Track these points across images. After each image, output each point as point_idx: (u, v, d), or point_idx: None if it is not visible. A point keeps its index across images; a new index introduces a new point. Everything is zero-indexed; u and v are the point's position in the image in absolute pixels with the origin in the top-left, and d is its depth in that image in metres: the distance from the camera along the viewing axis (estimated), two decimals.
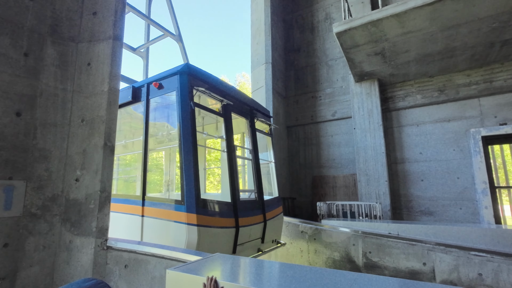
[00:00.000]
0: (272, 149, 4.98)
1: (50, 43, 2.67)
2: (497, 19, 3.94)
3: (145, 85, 3.53)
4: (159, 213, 3.06)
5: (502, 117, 5.07)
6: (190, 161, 2.93)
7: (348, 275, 1.65)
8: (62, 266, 2.50)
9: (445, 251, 3.76)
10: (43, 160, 2.53)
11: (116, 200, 3.58)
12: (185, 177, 2.87)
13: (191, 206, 2.80)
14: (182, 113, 3.04)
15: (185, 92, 3.11)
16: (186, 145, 2.97)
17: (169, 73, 3.28)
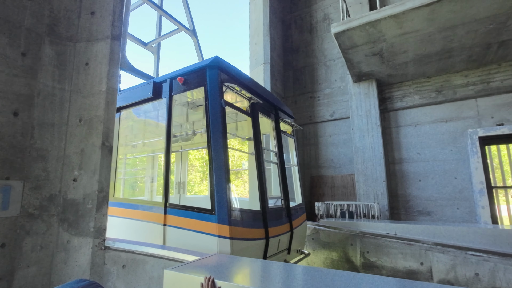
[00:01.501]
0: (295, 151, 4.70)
1: (48, 43, 2.66)
2: (494, 20, 3.96)
3: (167, 80, 3.24)
4: (185, 222, 2.75)
5: (499, 118, 5.10)
6: (221, 166, 2.61)
7: (346, 274, 1.65)
8: (59, 266, 2.50)
9: (442, 251, 3.78)
10: (40, 160, 2.52)
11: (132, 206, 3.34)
12: (216, 184, 2.57)
13: (223, 216, 2.49)
14: (211, 112, 2.75)
15: (215, 88, 2.81)
16: (216, 148, 2.65)
17: (196, 67, 2.97)
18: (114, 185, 3.67)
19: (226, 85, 2.92)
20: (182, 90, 3.11)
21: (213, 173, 2.60)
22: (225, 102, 2.81)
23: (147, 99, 3.41)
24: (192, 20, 6.47)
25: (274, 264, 1.93)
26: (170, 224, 2.86)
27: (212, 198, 2.57)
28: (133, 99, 3.58)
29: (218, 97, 2.78)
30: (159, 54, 6.30)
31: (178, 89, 3.15)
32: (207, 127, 2.74)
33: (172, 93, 3.19)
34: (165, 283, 1.67)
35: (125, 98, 3.71)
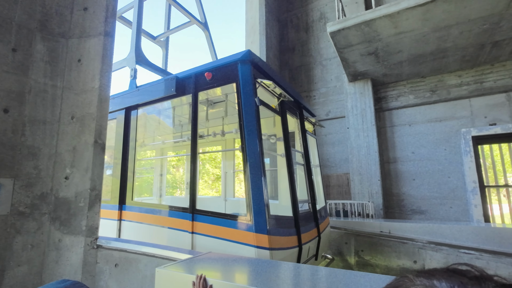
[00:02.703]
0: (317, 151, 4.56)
1: (40, 39, 2.62)
2: (487, 21, 4.00)
3: (192, 76, 3.00)
4: (216, 230, 2.51)
5: (492, 118, 5.16)
6: (257, 170, 2.37)
7: (339, 273, 1.66)
8: (51, 265, 2.47)
9: (435, 249, 3.81)
10: (31, 158, 2.49)
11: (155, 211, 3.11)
12: (252, 190, 2.33)
13: (262, 225, 2.26)
14: (245, 110, 2.52)
15: (248, 85, 2.58)
16: (252, 150, 2.42)
17: (226, 62, 2.75)
18: (133, 188, 3.45)
19: (259, 82, 2.68)
20: (209, 86, 2.86)
21: (249, 178, 2.36)
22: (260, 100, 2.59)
23: (169, 96, 3.18)
24: (203, 13, 6.06)
25: (266, 262, 1.93)
26: (199, 232, 2.62)
27: (249, 206, 2.33)
28: (152, 96, 3.37)
29: (252, 95, 2.54)
30: (167, 48, 6.04)
31: (205, 85, 2.90)
32: (240, 127, 2.52)
33: (197, 89, 2.96)
34: (156, 281, 1.65)
35: (143, 95, 3.50)
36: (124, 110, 3.65)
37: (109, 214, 3.53)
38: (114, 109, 3.77)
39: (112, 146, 4.81)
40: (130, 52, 4.06)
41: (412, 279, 0.39)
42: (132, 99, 3.59)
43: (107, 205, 3.59)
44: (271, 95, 3.03)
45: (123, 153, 3.57)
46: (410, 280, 0.39)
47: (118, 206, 3.44)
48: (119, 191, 3.47)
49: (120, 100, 3.76)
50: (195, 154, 2.87)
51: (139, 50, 4.08)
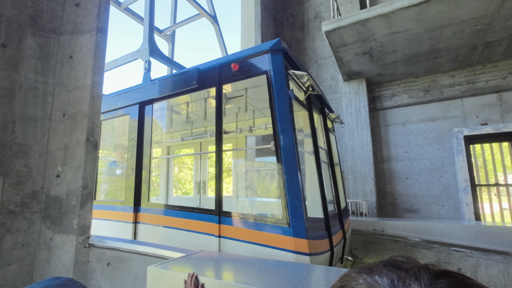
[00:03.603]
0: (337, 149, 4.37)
1: (30, 35, 2.58)
2: (479, 22, 4.05)
3: (216, 67, 2.81)
4: (246, 234, 2.32)
5: (483, 117, 5.23)
6: (294, 168, 2.19)
7: (331, 270, 1.67)
8: (42, 264, 2.44)
9: (427, 247, 3.86)
10: (22, 156, 2.45)
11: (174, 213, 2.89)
12: (289, 190, 2.15)
13: (300, 229, 2.08)
14: (278, 104, 2.32)
15: (280, 76, 2.38)
16: (287, 147, 2.24)
17: (255, 52, 2.55)
18: (149, 188, 3.23)
19: (292, 73, 2.49)
20: (236, 78, 2.65)
21: (285, 177, 2.18)
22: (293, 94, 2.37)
23: (190, 89, 2.96)
24: (212, 5, 5.74)
25: (259, 260, 1.93)
26: (226, 236, 2.42)
27: (285, 207, 2.15)
28: (170, 89, 3.16)
29: (285, 87, 2.34)
30: (174, 43, 5.83)
31: (230, 77, 2.69)
32: (273, 122, 2.33)
33: (222, 82, 2.75)
34: (148, 280, 1.65)
35: (159, 89, 3.27)
36: (138, 105, 3.42)
37: (123, 216, 3.29)
38: (127, 104, 3.54)
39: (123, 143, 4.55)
40: (143, 44, 3.79)
41: (355, 278, 0.39)
42: (147, 93, 3.37)
43: (120, 207, 3.37)
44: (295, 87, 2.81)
45: (137, 151, 3.31)
46: (353, 278, 0.39)
47: (133, 208, 3.20)
48: (134, 192, 3.23)
49: (133, 95, 3.53)
50: (220, 152, 2.66)
51: (153, 41, 3.81)
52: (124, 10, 4.98)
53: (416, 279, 0.35)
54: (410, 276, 0.36)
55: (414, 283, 0.35)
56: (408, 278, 0.35)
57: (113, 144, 4.62)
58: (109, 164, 4.53)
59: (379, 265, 0.40)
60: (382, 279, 0.36)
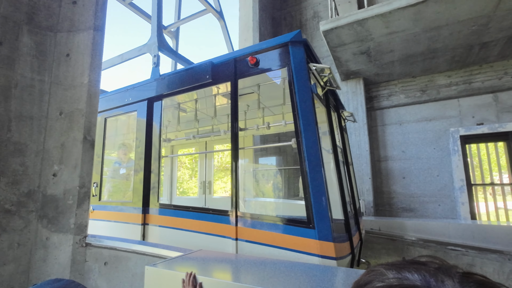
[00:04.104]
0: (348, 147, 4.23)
1: (27, 32, 2.56)
2: (476, 22, 4.07)
3: (231, 60, 2.69)
4: (265, 236, 2.18)
5: (479, 117, 5.28)
6: (317, 166, 2.08)
7: (329, 269, 1.67)
8: (38, 264, 2.42)
9: (423, 246, 3.89)
10: (18, 154, 2.43)
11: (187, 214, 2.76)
12: (313, 190, 2.04)
13: (326, 231, 1.95)
14: (300, 99, 2.21)
15: (302, 69, 2.26)
16: (310, 144, 2.13)
17: (273, 44, 2.44)
18: (158, 188, 3.09)
19: (314, 66, 2.36)
20: (252, 72, 2.54)
21: (308, 176, 2.06)
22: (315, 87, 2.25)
23: (203, 84, 2.83)
24: (218, 1, 5.55)
25: (257, 259, 1.93)
26: (244, 239, 2.28)
27: (309, 207, 2.03)
28: (181, 84, 3.02)
29: (307, 81, 2.23)
30: (178, 39, 5.66)
31: (247, 71, 2.57)
32: (295, 118, 2.22)
33: (237, 76, 2.62)
34: (146, 279, 1.64)
35: (170, 84, 3.13)
36: (146, 101, 3.29)
37: (130, 218, 3.17)
38: (134, 101, 3.42)
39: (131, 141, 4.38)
40: (151, 37, 3.65)
41: (384, 272, 0.39)
42: (156, 89, 3.23)
43: (127, 208, 3.24)
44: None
45: (145, 149, 3.18)
46: (381, 273, 0.39)
47: (141, 209, 3.07)
48: (142, 192, 3.10)
49: (141, 91, 3.39)
50: (236, 150, 2.52)
51: (161, 35, 3.66)
52: (128, 5, 4.86)
53: (448, 276, 0.35)
54: (442, 273, 0.36)
55: (447, 279, 0.35)
56: (440, 275, 0.36)
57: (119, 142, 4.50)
58: (115, 163, 4.42)
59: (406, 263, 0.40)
60: (413, 275, 0.37)
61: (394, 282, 0.37)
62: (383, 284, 0.37)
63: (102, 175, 3.72)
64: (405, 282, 0.36)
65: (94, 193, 3.62)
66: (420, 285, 0.35)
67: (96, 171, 3.65)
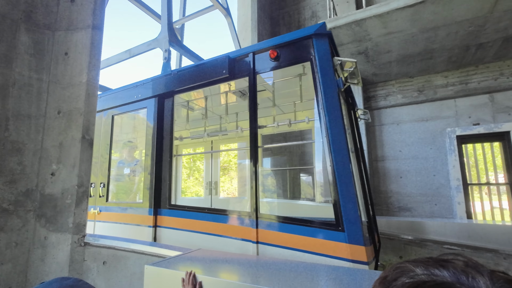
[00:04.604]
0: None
1: (24, 30, 2.54)
2: (473, 23, 4.11)
3: (249, 54, 2.58)
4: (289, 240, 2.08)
5: (475, 118, 5.33)
6: (346, 166, 1.97)
7: (327, 268, 1.69)
8: (36, 263, 2.41)
9: (420, 245, 3.93)
10: (16, 153, 2.41)
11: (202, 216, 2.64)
12: (341, 190, 1.94)
13: (356, 234, 1.84)
14: (325, 94, 2.11)
15: (328, 63, 2.16)
16: (338, 142, 2.03)
17: (296, 36, 2.32)
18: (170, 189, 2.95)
19: (339, 60, 2.27)
20: (273, 66, 2.44)
21: (336, 176, 1.96)
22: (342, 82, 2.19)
23: (220, 79, 2.72)
24: None
25: (256, 259, 1.94)
26: (265, 242, 2.17)
27: (337, 209, 1.92)
28: (195, 79, 2.90)
29: (333, 75, 2.13)
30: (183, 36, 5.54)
31: (266, 65, 2.47)
32: (320, 114, 2.14)
33: (256, 71, 2.52)
34: (145, 278, 1.64)
35: (182, 79, 3.01)
36: (157, 98, 3.17)
37: (141, 220, 3.04)
38: (144, 97, 3.28)
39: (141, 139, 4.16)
40: (161, 32, 3.53)
41: (412, 269, 0.39)
42: (167, 85, 3.10)
43: (137, 209, 3.12)
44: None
45: (157, 148, 3.05)
46: (409, 269, 0.39)
47: (152, 210, 2.95)
48: (154, 192, 2.97)
49: (151, 87, 3.26)
50: (255, 148, 2.41)
51: (172, 29, 3.51)
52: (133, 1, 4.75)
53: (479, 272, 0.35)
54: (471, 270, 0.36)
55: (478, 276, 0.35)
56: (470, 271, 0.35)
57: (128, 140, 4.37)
58: (124, 162, 4.29)
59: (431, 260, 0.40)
60: (442, 271, 0.36)
61: (425, 278, 0.36)
62: (413, 280, 0.37)
63: (110, 175, 3.59)
64: (435, 278, 0.35)
65: (101, 194, 3.51)
66: (451, 281, 0.34)
67: (103, 171, 3.58)
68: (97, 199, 3.56)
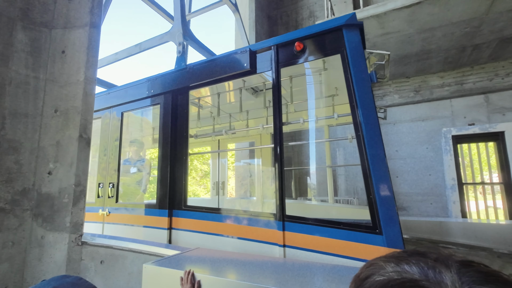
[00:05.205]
0: None
1: (21, 28, 2.52)
2: (469, 24, 4.15)
3: (272, 47, 2.46)
4: (320, 243, 1.96)
5: (470, 118, 5.39)
6: (382, 164, 1.88)
7: (324, 266, 1.70)
8: (33, 262, 2.40)
9: (416, 244, 3.97)
10: (12, 152, 2.40)
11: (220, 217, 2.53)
12: (377, 190, 1.84)
13: (395, 237, 1.73)
14: (358, 89, 2.01)
15: (360, 56, 2.06)
16: (373, 139, 1.95)
17: (324, 28, 2.19)
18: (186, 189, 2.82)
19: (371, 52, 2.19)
20: (298, 60, 2.32)
21: (372, 175, 1.87)
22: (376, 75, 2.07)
23: (240, 73, 2.60)
24: None
25: (254, 257, 1.95)
26: (293, 245, 2.06)
27: (374, 210, 1.81)
28: (213, 74, 2.75)
29: (365, 69, 2.05)
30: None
31: (291, 58, 2.35)
32: (353, 110, 2.03)
33: (280, 64, 2.41)
34: (144, 277, 1.65)
35: (198, 74, 2.87)
36: (171, 93, 3.02)
37: (153, 222, 2.91)
38: (157, 93, 3.13)
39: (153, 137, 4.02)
40: (174, 25, 3.38)
41: (383, 266, 0.39)
42: (182, 80, 2.96)
43: (150, 210, 2.99)
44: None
45: (171, 146, 2.92)
46: (380, 267, 0.40)
47: (167, 211, 2.82)
48: (168, 193, 2.84)
49: (165, 82, 3.10)
50: (281, 145, 2.29)
51: (185, 22, 3.35)
52: None
53: (446, 267, 0.36)
54: (440, 264, 0.36)
55: (445, 271, 0.35)
56: (438, 266, 0.36)
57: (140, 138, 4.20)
58: (135, 161, 4.14)
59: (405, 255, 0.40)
60: (411, 267, 0.37)
61: (394, 276, 0.37)
62: (383, 278, 0.38)
63: (119, 174, 3.42)
64: (404, 275, 0.36)
65: (110, 194, 3.36)
66: (418, 278, 0.35)
67: (112, 170, 3.43)
68: (106, 200, 3.41)
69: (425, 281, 0.35)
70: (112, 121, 3.59)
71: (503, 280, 0.34)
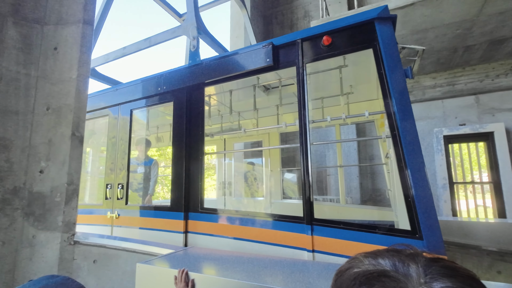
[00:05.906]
0: None
1: (12, 24, 2.47)
2: (460, 26, 4.22)
3: (297, 42, 2.36)
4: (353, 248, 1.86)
5: (461, 118, 5.48)
6: (419, 165, 1.79)
7: (317, 265, 1.72)
8: (24, 262, 2.37)
9: None
10: (3, 150, 2.36)
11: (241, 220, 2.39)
12: (416, 192, 1.73)
13: (437, 242, 1.64)
14: (393, 86, 1.91)
15: (393, 51, 1.97)
16: (411, 138, 1.86)
17: (353, 21, 2.10)
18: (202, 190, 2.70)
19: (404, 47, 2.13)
20: (325, 55, 2.20)
21: (409, 176, 1.77)
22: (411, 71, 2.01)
23: (262, 68, 2.48)
24: None
25: (247, 256, 1.96)
26: (323, 250, 1.95)
27: (413, 213, 1.73)
28: (232, 70, 2.62)
29: (400, 64, 1.95)
30: None
31: (319, 53, 2.23)
32: (387, 107, 1.94)
33: (305, 59, 2.29)
34: (137, 277, 1.64)
35: (215, 70, 2.73)
36: (185, 90, 2.89)
37: (168, 225, 2.77)
38: (170, 89, 2.99)
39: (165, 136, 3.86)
40: (187, 18, 3.25)
41: (362, 260, 0.46)
42: (197, 76, 2.83)
43: (165, 213, 2.84)
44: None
45: (186, 145, 2.78)
46: (359, 260, 0.46)
47: (183, 214, 2.67)
48: (184, 194, 2.71)
49: (178, 78, 2.95)
50: (306, 145, 2.16)
51: (199, 15, 3.21)
52: None
53: (414, 261, 0.41)
54: (409, 259, 0.42)
55: (412, 264, 0.41)
56: (407, 261, 0.42)
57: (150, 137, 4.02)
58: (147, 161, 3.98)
59: (383, 251, 0.46)
60: (385, 261, 0.43)
61: (369, 267, 0.43)
62: (360, 270, 0.44)
63: (129, 175, 3.28)
64: (377, 267, 0.42)
65: (120, 196, 3.21)
66: (389, 270, 0.41)
67: (121, 171, 3.28)
68: (115, 202, 3.25)
69: (394, 272, 0.40)
70: (120, 118, 3.43)
71: (466, 274, 0.38)
